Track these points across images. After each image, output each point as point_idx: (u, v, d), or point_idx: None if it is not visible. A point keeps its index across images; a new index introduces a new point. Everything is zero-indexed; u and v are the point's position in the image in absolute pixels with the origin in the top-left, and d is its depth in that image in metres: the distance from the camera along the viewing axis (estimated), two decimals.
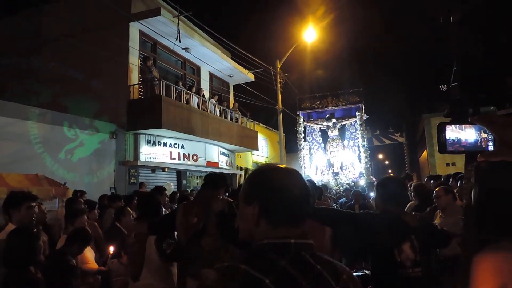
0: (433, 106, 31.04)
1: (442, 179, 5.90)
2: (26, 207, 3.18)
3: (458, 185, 4.73)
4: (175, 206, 5.85)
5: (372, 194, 8.14)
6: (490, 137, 0.98)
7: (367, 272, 3.40)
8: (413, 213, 3.11)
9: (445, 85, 1.13)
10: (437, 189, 4.12)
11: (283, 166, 1.17)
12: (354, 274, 3.13)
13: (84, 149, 9.39)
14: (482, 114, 0.99)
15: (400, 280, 2.25)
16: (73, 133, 9.18)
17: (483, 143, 0.98)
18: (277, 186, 1.08)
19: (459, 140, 0.99)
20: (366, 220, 2.45)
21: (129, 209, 4.83)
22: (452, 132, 0.99)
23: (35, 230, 2.65)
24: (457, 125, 0.99)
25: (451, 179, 5.33)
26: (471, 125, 0.98)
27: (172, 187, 10.52)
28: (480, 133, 0.99)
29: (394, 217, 2.37)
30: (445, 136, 0.99)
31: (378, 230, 2.31)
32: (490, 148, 0.97)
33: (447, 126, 1.00)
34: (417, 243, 2.26)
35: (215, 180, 3.16)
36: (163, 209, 5.14)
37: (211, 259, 2.62)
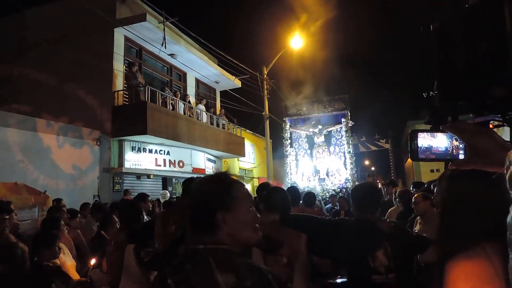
0: (418, 113, 31.53)
1: (425, 185, 5.96)
2: None
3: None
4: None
5: None
6: (461, 145, 0.97)
7: None
8: (388, 220, 3.12)
9: (426, 93, 1.14)
10: (415, 195, 4.14)
11: (216, 173, 1.31)
12: (339, 280, 3.10)
13: (67, 156, 9.20)
14: (454, 122, 0.99)
15: (375, 286, 2.27)
16: (56, 139, 9.00)
17: (454, 151, 0.98)
18: (192, 192, 1.24)
19: (430, 148, 0.99)
20: (340, 227, 2.46)
21: (114, 217, 4.72)
22: (424, 140, 0.99)
23: (19, 243, 2.60)
24: (429, 133, 0.99)
25: (432, 186, 5.39)
26: (443, 133, 0.98)
27: (168, 194, 10.40)
28: (452, 140, 0.99)
29: (368, 224, 2.38)
30: (417, 143, 0.99)
31: (352, 237, 2.33)
32: (461, 156, 0.97)
33: (419, 133, 0.99)
34: (390, 250, 2.27)
35: None
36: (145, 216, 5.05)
37: None
